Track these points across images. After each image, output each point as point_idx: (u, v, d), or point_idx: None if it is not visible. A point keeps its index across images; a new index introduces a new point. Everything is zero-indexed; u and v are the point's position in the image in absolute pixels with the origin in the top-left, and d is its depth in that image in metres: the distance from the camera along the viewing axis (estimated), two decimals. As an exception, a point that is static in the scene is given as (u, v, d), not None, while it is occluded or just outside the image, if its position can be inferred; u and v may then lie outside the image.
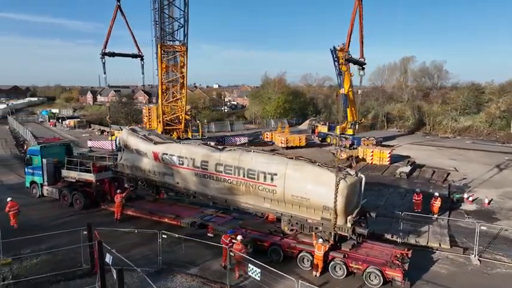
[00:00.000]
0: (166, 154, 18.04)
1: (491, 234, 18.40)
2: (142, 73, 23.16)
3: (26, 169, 24.42)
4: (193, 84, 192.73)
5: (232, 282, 13.84)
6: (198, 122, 42.76)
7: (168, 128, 40.46)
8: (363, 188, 14.60)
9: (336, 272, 14.30)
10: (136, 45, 22.42)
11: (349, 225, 14.05)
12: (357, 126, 47.57)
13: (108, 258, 12.69)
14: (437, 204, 20.92)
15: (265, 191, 15.39)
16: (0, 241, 15.73)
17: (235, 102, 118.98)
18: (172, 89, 38.47)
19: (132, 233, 16.64)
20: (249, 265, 12.49)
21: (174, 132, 40.77)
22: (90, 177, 21.28)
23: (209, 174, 16.82)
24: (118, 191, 20.00)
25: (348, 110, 47.54)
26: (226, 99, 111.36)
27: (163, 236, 14.56)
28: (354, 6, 39.94)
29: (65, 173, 22.40)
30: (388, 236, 17.85)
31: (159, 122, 40.21)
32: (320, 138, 51.16)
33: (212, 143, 39.57)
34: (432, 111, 62.70)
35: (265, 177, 15.25)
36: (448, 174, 31.92)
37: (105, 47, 19.35)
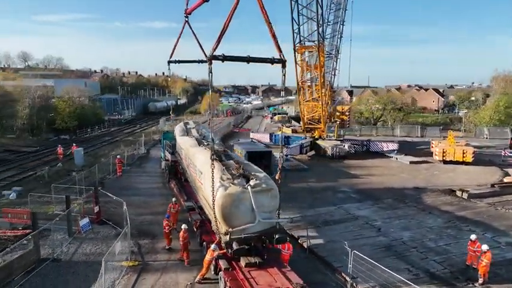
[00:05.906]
0: (179, 145, 21.14)
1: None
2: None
3: (160, 147, 33.29)
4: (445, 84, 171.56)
5: (153, 259, 15.94)
6: (336, 123, 41.34)
7: (309, 126, 41.70)
8: (254, 203, 12.75)
9: (221, 285, 13.52)
10: (204, 52, 26.02)
11: (227, 238, 12.96)
12: None
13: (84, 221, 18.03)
14: (484, 262, 13.78)
15: (201, 188, 16.04)
16: (77, 186, 23.75)
17: None
18: (312, 89, 39.27)
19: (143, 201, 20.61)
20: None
21: (316, 131, 41.50)
22: (168, 157, 27.12)
23: (188, 165, 18.77)
24: (173, 200, 19.21)
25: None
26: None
27: (125, 207, 18.13)
28: None
29: (165, 152, 29.35)
30: (347, 278, 14.03)
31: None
32: (520, 156, 37.56)
33: (346, 145, 38.33)
34: None
35: (199, 175, 15.92)
36: None
37: (170, 56, 23.96)
